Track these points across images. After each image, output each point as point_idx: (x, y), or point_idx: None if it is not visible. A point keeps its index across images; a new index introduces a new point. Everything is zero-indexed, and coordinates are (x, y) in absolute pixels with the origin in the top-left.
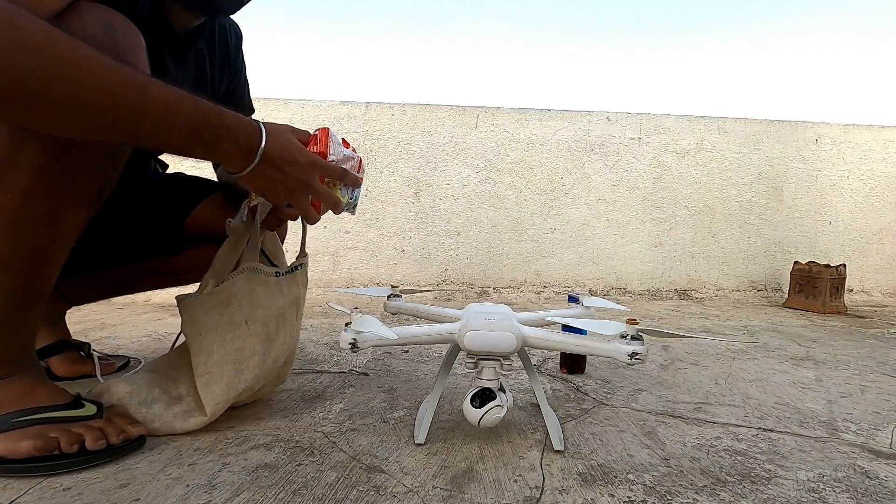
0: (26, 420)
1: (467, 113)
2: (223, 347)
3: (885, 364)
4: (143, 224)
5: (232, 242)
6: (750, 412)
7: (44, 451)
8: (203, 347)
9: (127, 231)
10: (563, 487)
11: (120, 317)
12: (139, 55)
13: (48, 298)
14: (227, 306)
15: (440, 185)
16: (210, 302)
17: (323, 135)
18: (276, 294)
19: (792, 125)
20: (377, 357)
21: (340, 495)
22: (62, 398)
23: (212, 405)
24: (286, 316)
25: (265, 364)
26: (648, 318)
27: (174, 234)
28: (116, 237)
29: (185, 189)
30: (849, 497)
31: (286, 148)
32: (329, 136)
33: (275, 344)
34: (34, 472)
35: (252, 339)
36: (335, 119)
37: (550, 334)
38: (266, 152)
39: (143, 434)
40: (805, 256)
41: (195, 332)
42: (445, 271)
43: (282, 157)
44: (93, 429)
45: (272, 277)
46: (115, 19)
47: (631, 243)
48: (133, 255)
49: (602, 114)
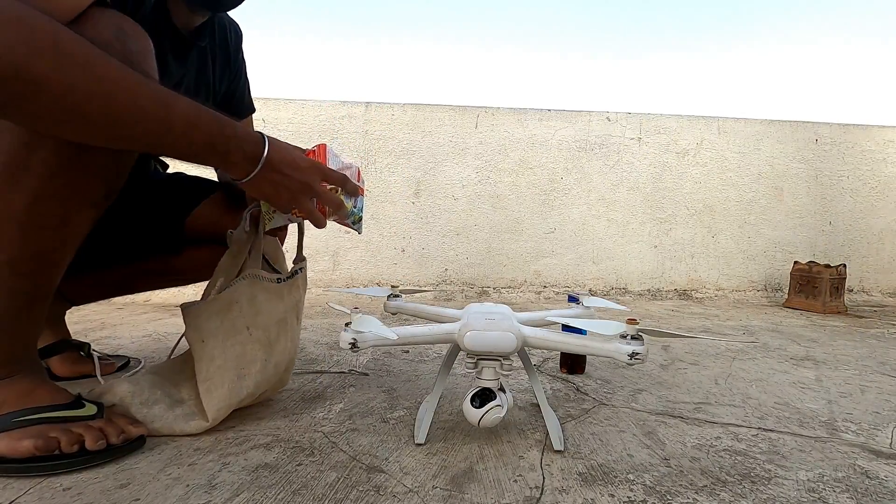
0: (27, 420)
1: (467, 113)
2: (224, 353)
3: (885, 364)
4: (143, 224)
5: (234, 252)
6: (750, 412)
7: (44, 450)
8: (205, 353)
9: (127, 231)
10: (563, 487)
11: (120, 317)
12: (150, 61)
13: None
14: (229, 312)
15: (440, 185)
16: (212, 308)
17: (321, 150)
18: (277, 300)
19: (792, 125)
20: (377, 357)
21: (340, 495)
22: (63, 398)
23: (213, 410)
24: (287, 321)
25: (267, 370)
26: (648, 318)
27: (174, 235)
28: (117, 237)
29: (186, 189)
30: (849, 497)
31: (288, 153)
32: (327, 151)
33: (276, 349)
34: (34, 471)
35: (253, 346)
36: (335, 119)
37: (550, 334)
38: (268, 158)
39: (144, 434)
40: (805, 256)
41: (198, 339)
42: (445, 271)
43: (283, 161)
44: (93, 429)
45: (273, 284)
46: (126, 25)
47: (631, 243)
48: (133, 256)
49: (602, 114)
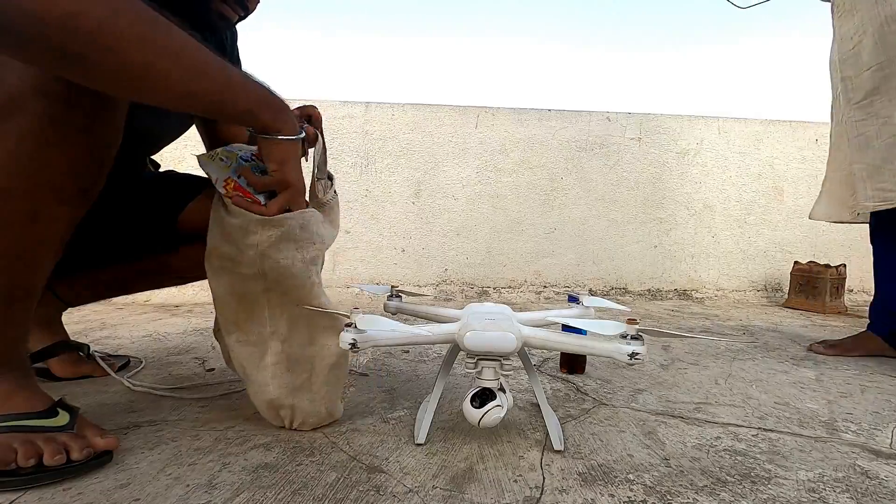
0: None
1: (467, 113)
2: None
3: (885, 364)
4: (135, 223)
5: None
6: (750, 412)
7: (1, 464)
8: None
9: (119, 230)
10: (563, 487)
11: (120, 317)
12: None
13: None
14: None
15: (440, 185)
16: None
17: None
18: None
19: (792, 125)
20: (377, 357)
21: (340, 495)
22: (40, 404)
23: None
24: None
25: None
26: (648, 318)
27: (168, 233)
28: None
29: (177, 186)
30: (849, 497)
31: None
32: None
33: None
34: None
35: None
36: (335, 119)
37: (550, 334)
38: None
39: (112, 448)
40: (805, 256)
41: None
42: (445, 271)
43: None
44: (55, 442)
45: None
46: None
47: (631, 243)
48: (126, 255)
49: (602, 114)
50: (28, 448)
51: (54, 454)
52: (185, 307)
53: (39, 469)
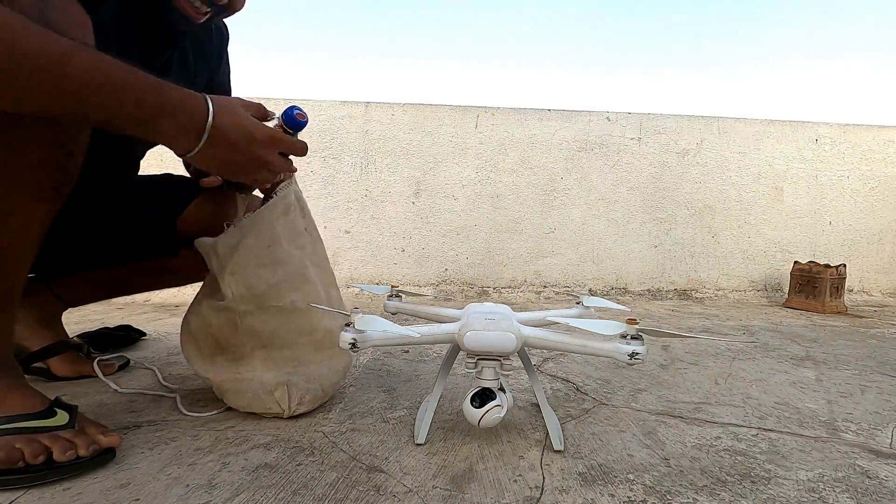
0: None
1: (467, 113)
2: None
3: (885, 364)
4: (133, 225)
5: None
6: (750, 412)
7: (6, 463)
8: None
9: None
10: (563, 487)
11: (120, 317)
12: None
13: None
14: (286, 216)
15: (440, 185)
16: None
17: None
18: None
19: (792, 125)
20: (377, 357)
21: (340, 495)
22: (36, 405)
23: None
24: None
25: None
26: (648, 318)
27: (166, 235)
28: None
29: (176, 189)
30: (849, 497)
31: (240, 125)
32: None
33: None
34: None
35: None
36: (335, 119)
37: (550, 334)
38: (214, 132)
39: (115, 445)
40: (805, 256)
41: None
42: (445, 271)
43: (237, 133)
44: (61, 439)
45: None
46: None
47: (631, 243)
48: (125, 257)
49: (602, 114)
50: (35, 446)
51: (65, 450)
52: (184, 307)
53: (49, 466)
